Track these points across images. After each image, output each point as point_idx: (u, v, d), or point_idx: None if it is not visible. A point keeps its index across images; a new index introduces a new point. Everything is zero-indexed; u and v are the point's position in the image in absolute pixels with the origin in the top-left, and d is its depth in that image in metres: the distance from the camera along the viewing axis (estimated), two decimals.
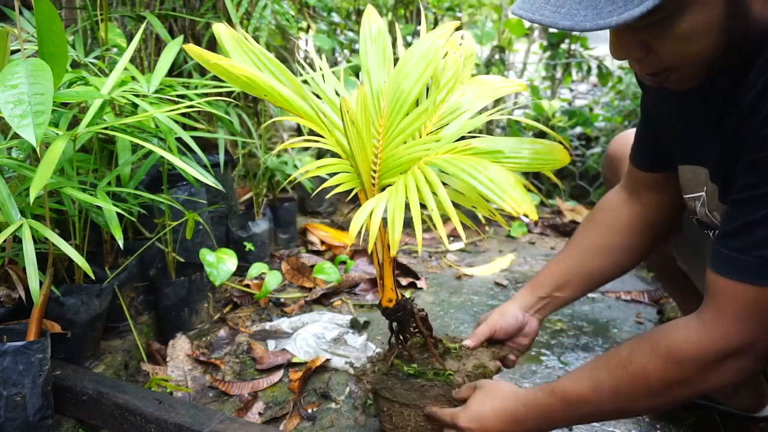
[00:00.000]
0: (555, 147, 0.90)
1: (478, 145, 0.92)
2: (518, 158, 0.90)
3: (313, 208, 2.68)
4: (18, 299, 1.23)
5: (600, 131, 3.11)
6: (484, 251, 2.38)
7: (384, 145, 1.02)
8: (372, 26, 1.11)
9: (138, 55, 1.73)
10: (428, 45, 1.03)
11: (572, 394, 0.91)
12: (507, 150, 0.90)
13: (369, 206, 0.86)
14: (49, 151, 0.94)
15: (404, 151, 1.00)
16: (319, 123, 1.00)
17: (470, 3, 3.38)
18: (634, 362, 0.86)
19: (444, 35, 1.04)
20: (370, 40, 1.10)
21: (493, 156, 0.90)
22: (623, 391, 0.87)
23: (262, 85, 0.92)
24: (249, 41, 0.98)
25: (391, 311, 1.08)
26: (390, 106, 1.03)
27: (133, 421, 1.14)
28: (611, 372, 0.88)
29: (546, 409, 0.94)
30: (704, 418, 1.25)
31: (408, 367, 1.09)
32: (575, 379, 0.93)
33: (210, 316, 1.74)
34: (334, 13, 3.06)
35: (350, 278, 1.97)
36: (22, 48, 1.00)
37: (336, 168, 1.02)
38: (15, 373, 1.02)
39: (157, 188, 1.54)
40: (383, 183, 1.00)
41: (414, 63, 1.02)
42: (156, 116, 1.17)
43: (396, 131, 1.02)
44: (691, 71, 0.81)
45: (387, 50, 1.11)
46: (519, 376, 1.43)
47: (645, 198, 1.15)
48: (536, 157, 0.90)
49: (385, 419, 1.11)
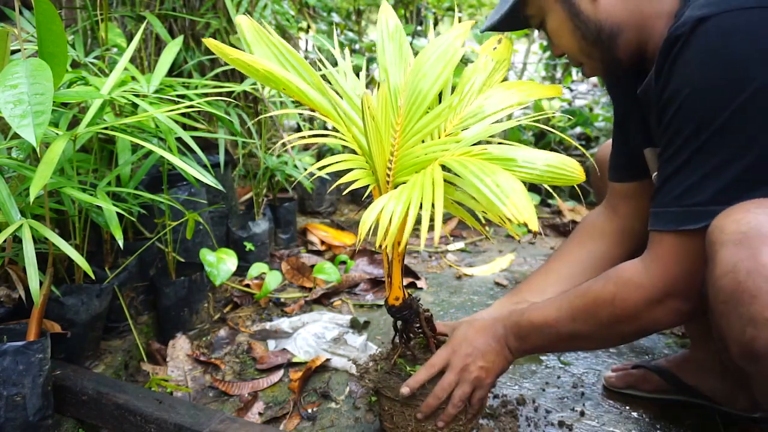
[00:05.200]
0: (570, 163, 0.89)
1: (493, 151, 0.91)
2: (531, 169, 0.88)
3: (313, 208, 2.68)
4: (18, 299, 1.23)
5: (600, 131, 3.11)
6: (484, 251, 2.38)
7: (400, 143, 1.02)
8: (389, 23, 1.10)
9: (138, 55, 1.73)
10: (446, 45, 1.03)
11: (538, 317, 1.04)
12: (521, 159, 0.89)
13: (381, 202, 0.86)
14: (49, 151, 0.94)
15: (421, 150, 1.00)
16: (336, 118, 1.00)
17: (470, 3, 3.38)
18: (590, 292, 0.99)
19: (461, 36, 1.03)
20: (388, 38, 1.09)
21: (506, 163, 0.88)
22: (579, 316, 0.99)
23: (282, 80, 0.92)
24: (271, 34, 0.98)
25: (397, 309, 1.07)
26: (407, 105, 1.03)
27: (133, 421, 1.14)
28: (572, 299, 1.02)
29: (518, 330, 1.06)
30: (705, 418, 1.25)
31: (411, 367, 1.09)
32: (543, 304, 1.06)
33: (210, 316, 1.74)
34: (334, 13, 3.06)
35: (350, 278, 1.96)
36: (22, 48, 1.00)
37: (351, 164, 1.02)
38: (15, 373, 1.02)
39: (157, 188, 1.54)
40: (397, 181, 1.00)
41: (432, 63, 1.02)
42: (156, 116, 1.17)
43: (413, 130, 1.02)
44: (592, 63, 1.05)
45: (404, 48, 1.10)
46: (519, 376, 1.43)
47: (622, 209, 1.24)
48: (549, 170, 0.88)
49: (386, 418, 1.11)
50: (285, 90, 0.95)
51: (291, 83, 0.94)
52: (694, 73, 0.84)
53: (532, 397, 1.33)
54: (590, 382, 1.40)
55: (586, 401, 1.32)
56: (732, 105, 0.81)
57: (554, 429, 1.23)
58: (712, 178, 0.84)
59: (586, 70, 1.08)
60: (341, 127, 1.02)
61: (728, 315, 0.76)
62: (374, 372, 1.13)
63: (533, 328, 1.04)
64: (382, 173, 1.00)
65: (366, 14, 3.57)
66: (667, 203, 0.90)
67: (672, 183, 0.89)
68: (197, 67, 1.96)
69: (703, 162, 0.85)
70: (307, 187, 2.10)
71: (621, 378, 1.34)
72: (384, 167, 1.00)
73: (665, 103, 0.89)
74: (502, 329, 1.07)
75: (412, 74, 1.04)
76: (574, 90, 3.57)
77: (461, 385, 1.04)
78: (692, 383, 1.26)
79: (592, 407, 1.30)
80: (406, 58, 1.09)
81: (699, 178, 0.85)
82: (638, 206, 1.20)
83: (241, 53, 0.89)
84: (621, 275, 0.96)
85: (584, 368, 1.46)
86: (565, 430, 1.22)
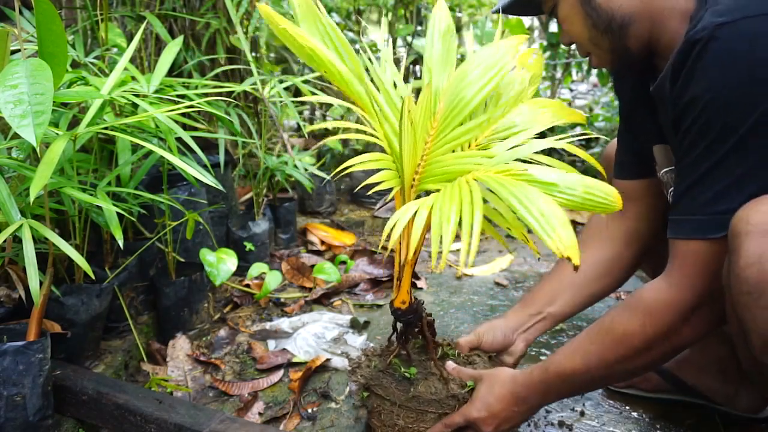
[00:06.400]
0: (608, 189, 0.85)
1: (534, 174, 0.86)
2: (571, 195, 0.85)
3: (313, 208, 2.68)
4: (18, 299, 1.23)
5: (600, 131, 3.11)
6: (484, 251, 2.38)
7: (432, 148, 1.00)
8: (442, 22, 1.07)
9: (138, 55, 1.73)
10: (496, 57, 1.01)
11: (566, 368, 0.99)
12: (561, 185, 0.85)
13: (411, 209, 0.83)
14: (49, 151, 0.94)
15: (453, 160, 0.97)
16: (371, 112, 0.98)
17: (470, 3, 3.38)
18: (615, 328, 0.95)
19: (512, 48, 1.01)
20: (438, 37, 1.06)
21: (547, 187, 0.84)
22: (611, 356, 0.95)
23: (325, 61, 0.91)
24: (321, 11, 0.96)
25: (402, 313, 1.07)
26: (445, 112, 1.01)
27: (133, 421, 1.14)
28: (597, 341, 0.97)
29: (544, 387, 1.01)
30: (705, 418, 1.25)
31: (405, 368, 1.10)
32: (566, 353, 1.00)
33: (210, 316, 1.74)
34: (334, 13, 3.06)
35: (350, 278, 1.96)
36: (22, 48, 1.00)
37: (380, 164, 0.98)
38: (15, 373, 1.02)
39: (157, 188, 1.54)
40: (422, 187, 0.98)
41: (479, 73, 1.00)
42: (156, 116, 1.16)
43: (447, 138, 1.00)
44: (600, 52, 1.03)
45: (452, 50, 1.07)
46: None
47: (629, 211, 1.21)
48: (588, 197, 0.85)
49: (374, 415, 1.11)
50: (326, 73, 0.92)
51: (333, 66, 0.91)
52: (715, 79, 0.82)
53: None
54: None
55: (586, 401, 1.32)
56: (756, 111, 0.80)
57: (554, 429, 1.23)
58: (739, 186, 0.83)
59: (593, 60, 1.06)
60: (375, 122, 0.99)
61: (752, 306, 0.75)
62: (366, 368, 1.13)
63: (561, 381, 1.00)
64: (408, 178, 0.97)
65: (366, 14, 3.57)
66: (692, 211, 0.88)
67: (695, 191, 0.87)
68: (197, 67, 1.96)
69: (729, 169, 0.83)
70: (307, 187, 2.10)
71: None
72: (412, 172, 0.97)
73: (684, 108, 0.88)
74: (525, 392, 1.02)
75: (456, 80, 1.02)
76: (574, 90, 3.57)
77: None
78: (692, 383, 1.26)
79: (592, 407, 1.30)
80: (452, 62, 1.07)
81: (725, 186, 0.84)
82: (644, 207, 1.19)
83: (291, 24, 0.88)
84: (646, 299, 0.93)
85: None
86: (565, 430, 1.23)
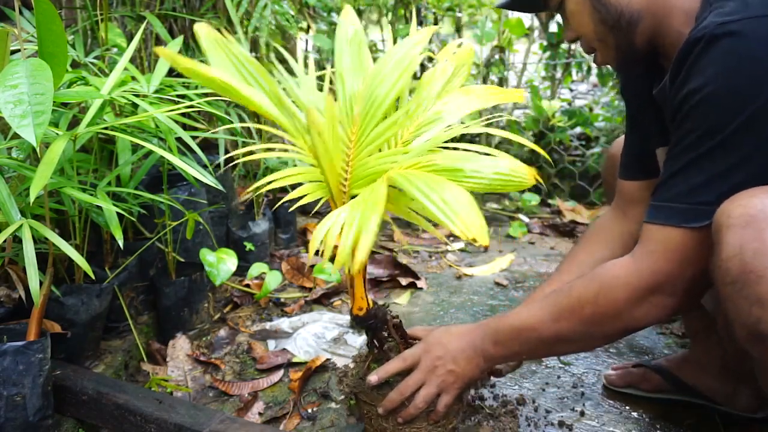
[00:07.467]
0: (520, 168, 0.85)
1: (439, 162, 0.87)
2: (479, 178, 0.85)
3: (313, 208, 2.68)
4: (18, 299, 1.23)
5: (600, 131, 3.11)
6: (484, 251, 2.38)
7: (355, 153, 0.99)
8: (348, 28, 1.07)
9: (138, 55, 1.73)
10: (404, 52, 1.00)
11: (518, 318, 1.02)
12: (468, 169, 0.86)
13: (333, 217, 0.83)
14: (49, 151, 0.94)
15: (374, 161, 0.97)
16: (292, 131, 0.97)
17: (470, 3, 3.38)
18: (572, 293, 0.97)
19: (420, 42, 1.00)
20: (346, 43, 1.06)
21: (453, 174, 0.85)
22: (563, 318, 0.97)
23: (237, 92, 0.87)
24: (230, 43, 0.93)
25: (361, 319, 1.07)
26: (363, 113, 1.00)
27: (133, 421, 1.14)
28: (553, 301, 0.99)
29: (497, 334, 1.03)
30: (705, 418, 1.25)
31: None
32: (524, 306, 1.05)
33: (210, 316, 1.74)
34: (334, 13, 3.06)
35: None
36: (22, 48, 1.00)
37: (303, 178, 0.98)
38: (15, 373, 1.02)
39: (157, 188, 1.54)
40: (353, 192, 0.97)
41: (390, 70, 0.99)
42: (156, 116, 1.17)
43: (368, 139, 0.99)
44: (605, 49, 1.03)
45: (363, 54, 1.06)
46: (519, 376, 1.43)
47: (632, 213, 1.22)
48: (498, 178, 0.85)
49: (366, 421, 1.12)
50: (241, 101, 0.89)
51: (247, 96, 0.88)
52: (713, 74, 0.84)
53: (532, 397, 1.34)
54: (590, 382, 1.40)
55: (586, 401, 1.32)
56: (748, 109, 0.81)
57: (554, 429, 1.23)
58: (722, 179, 0.84)
59: (598, 57, 1.06)
60: (299, 141, 0.98)
61: (735, 297, 0.76)
62: (351, 377, 1.13)
63: (513, 332, 1.02)
64: (335, 186, 0.97)
65: (366, 14, 3.58)
66: (672, 198, 0.90)
67: (678, 179, 0.89)
68: None
69: (714, 162, 0.85)
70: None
71: (621, 376, 1.34)
72: (336, 180, 0.96)
73: (680, 102, 0.89)
74: (480, 336, 1.04)
75: (370, 81, 1.01)
76: (574, 90, 3.56)
77: (427, 386, 1.02)
78: (692, 383, 1.26)
79: (592, 407, 1.30)
80: (365, 66, 1.06)
81: (708, 177, 0.85)
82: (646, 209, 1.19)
83: (194, 63, 0.82)
84: (607, 272, 0.95)
85: (584, 368, 1.46)
86: (565, 430, 1.22)
